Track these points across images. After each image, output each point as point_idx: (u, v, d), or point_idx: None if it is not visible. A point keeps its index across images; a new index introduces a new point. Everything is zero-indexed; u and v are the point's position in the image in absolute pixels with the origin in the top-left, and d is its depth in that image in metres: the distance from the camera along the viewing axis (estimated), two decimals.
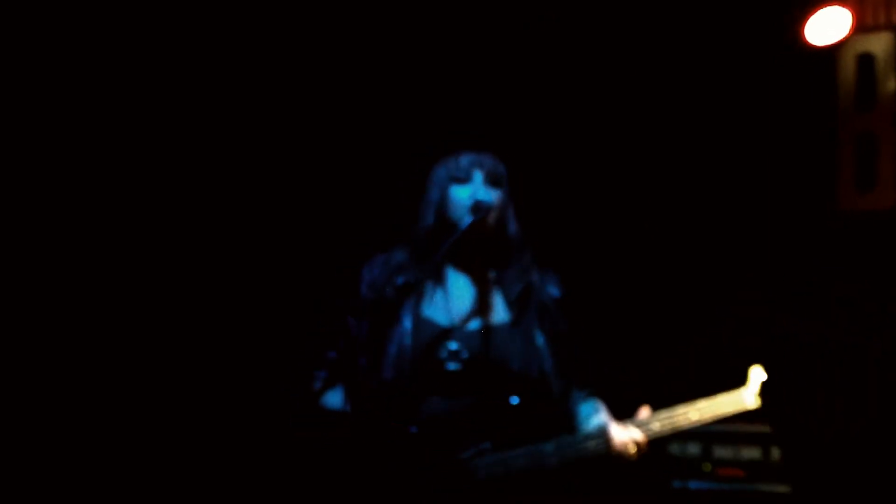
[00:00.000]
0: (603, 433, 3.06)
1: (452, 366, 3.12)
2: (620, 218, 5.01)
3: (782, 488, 4.41)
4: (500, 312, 3.24)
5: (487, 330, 3.19)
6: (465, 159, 3.26)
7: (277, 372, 4.21)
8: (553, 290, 3.31)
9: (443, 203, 3.25)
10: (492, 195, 3.22)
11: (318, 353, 3.27)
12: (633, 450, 3.06)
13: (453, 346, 3.14)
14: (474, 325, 3.21)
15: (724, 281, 4.87)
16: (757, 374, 3.08)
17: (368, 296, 3.24)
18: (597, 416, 3.18)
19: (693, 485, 4.51)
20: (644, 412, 3.10)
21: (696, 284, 4.87)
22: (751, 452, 4.51)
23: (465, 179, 3.23)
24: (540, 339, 3.20)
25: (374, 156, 4.72)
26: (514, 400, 3.09)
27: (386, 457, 3.03)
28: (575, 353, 3.28)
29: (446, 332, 3.17)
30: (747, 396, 3.07)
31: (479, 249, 3.27)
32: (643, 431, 3.08)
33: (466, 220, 3.14)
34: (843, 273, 4.84)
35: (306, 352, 3.33)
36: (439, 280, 3.27)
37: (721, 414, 3.08)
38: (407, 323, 3.17)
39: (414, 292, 3.20)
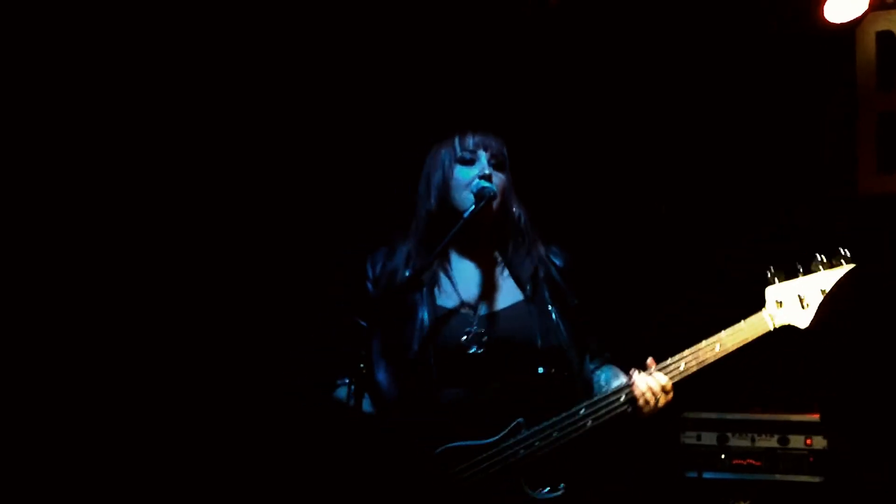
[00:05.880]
0: (629, 384, 3.03)
1: (475, 349, 3.07)
2: (634, 202, 4.96)
3: (800, 478, 4.34)
4: (511, 292, 3.20)
5: (504, 311, 3.15)
6: (470, 139, 3.18)
7: (289, 373, 4.20)
8: (558, 263, 3.27)
9: (446, 185, 3.17)
10: (496, 178, 3.15)
11: (334, 358, 3.20)
12: (661, 395, 3.02)
13: (473, 329, 3.09)
14: (487, 308, 3.16)
15: (739, 264, 4.78)
16: (772, 293, 3.03)
17: (376, 293, 3.18)
18: (616, 378, 3.14)
19: (707, 475, 4.45)
20: (650, 363, 3.06)
21: (709, 269, 4.78)
22: (767, 442, 4.43)
23: (470, 161, 3.16)
24: (554, 314, 3.16)
25: (367, 147, 4.66)
26: (541, 369, 3.06)
27: (419, 453, 2.99)
28: (587, 323, 3.24)
29: (463, 317, 3.12)
30: (766, 318, 3.03)
31: (484, 233, 3.21)
32: (669, 375, 3.04)
33: (471, 207, 3.08)
34: (865, 258, 4.73)
35: (320, 357, 3.27)
36: (446, 266, 3.22)
37: (743, 340, 3.03)
38: (423, 314, 3.11)
39: (424, 283, 3.13)
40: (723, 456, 4.45)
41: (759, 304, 3.15)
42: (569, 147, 4.88)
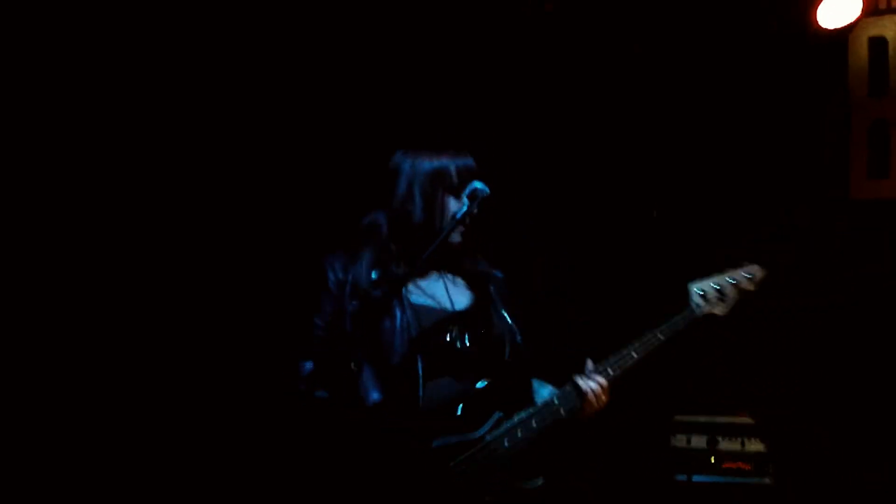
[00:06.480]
0: (572, 388, 3.11)
1: (460, 344, 3.14)
2: (631, 204, 5.00)
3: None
4: (471, 295, 3.26)
5: (473, 307, 3.22)
6: (464, 171, 3.19)
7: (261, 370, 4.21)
8: (499, 275, 3.35)
9: (436, 207, 3.17)
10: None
11: (296, 357, 3.19)
12: (601, 394, 3.09)
13: (460, 327, 3.16)
14: (460, 306, 3.21)
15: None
16: (695, 288, 3.33)
17: (340, 295, 3.19)
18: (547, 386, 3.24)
19: (697, 478, 4.46)
20: (589, 364, 3.16)
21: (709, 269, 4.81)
22: (757, 446, 4.45)
23: (460, 192, 3.16)
24: (508, 317, 3.25)
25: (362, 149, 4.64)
26: (482, 384, 3.11)
27: (413, 452, 3.02)
28: (537, 324, 3.32)
29: (442, 314, 3.17)
30: (694, 308, 3.30)
31: (466, 237, 3.21)
32: (621, 362, 3.14)
33: (463, 208, 3.09)
34: (856, 264, 4.76)
35: (283, 356, 3.26)
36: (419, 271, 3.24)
37: (679, 329, 3.26)
38: (401, 313, 3.14)
39: (398, 285, 3.15)
40: (712, 459, 4.47)
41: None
42: (565, 149, 4.90)
